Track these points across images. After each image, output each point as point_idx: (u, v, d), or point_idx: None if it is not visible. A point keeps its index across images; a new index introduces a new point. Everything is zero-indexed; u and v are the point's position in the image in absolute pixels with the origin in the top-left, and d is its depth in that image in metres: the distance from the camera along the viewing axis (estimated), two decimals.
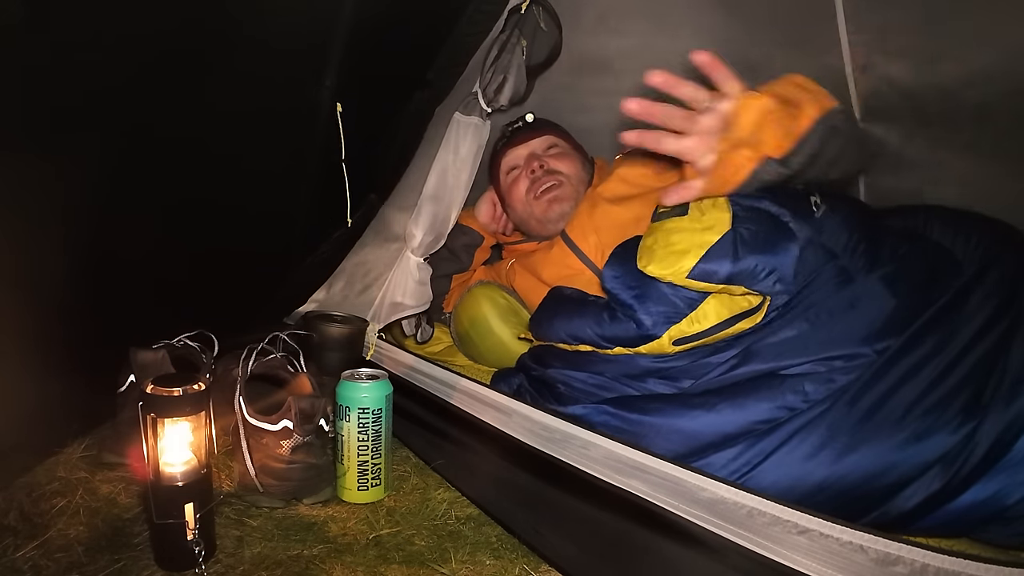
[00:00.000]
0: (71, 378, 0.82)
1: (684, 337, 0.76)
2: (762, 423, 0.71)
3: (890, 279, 0.75)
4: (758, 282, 0.73)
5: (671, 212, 0.79)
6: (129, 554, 0.70)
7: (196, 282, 0.97)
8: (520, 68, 1.10)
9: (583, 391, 0.84)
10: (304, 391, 0.84)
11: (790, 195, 0.78)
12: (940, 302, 0.73)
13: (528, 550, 0.74)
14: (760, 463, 0.70)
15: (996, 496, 0.63)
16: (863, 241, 0.80)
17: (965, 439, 0.64)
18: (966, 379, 0.67)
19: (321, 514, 0.81)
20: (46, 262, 0.76)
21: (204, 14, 0.73)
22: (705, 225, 0.75)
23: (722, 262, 0.72)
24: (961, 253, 0.80)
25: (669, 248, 0.75)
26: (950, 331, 0.70)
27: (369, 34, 0.87)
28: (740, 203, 0.76)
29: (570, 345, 0.87)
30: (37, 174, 0.71)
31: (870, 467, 0.66)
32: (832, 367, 0.71)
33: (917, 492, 0.65)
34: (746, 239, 0.73)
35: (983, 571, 0.50)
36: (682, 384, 0.80)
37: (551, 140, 1.23)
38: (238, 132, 0.87)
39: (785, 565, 0.58)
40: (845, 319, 0.73)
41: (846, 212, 0.82)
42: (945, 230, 0.84)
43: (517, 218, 1.26)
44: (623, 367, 0.83)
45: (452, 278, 1.29)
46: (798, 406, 0.70)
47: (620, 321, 0.80)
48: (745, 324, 0.76)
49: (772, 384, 0.72)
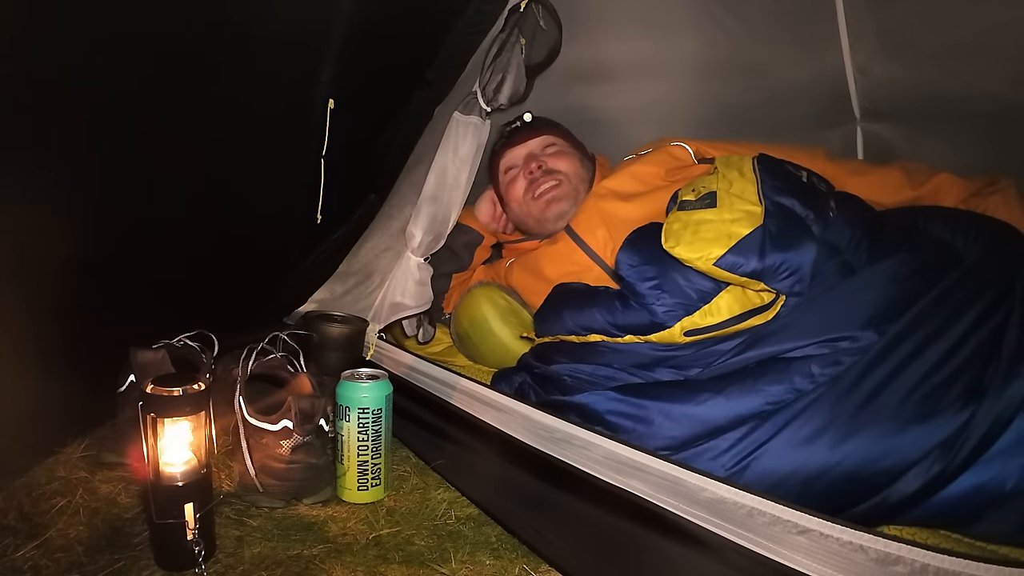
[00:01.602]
0: (71, 378, 0.82)
1: (696, 329, 0.78)
2: (771, 404, 0.72)
3: (891, 268, 0.77)
4: (778, 280, 0.74)
5: (698, 203, 0.80)
6: (129, 554, 0.70)
7: (196, 282, 0.97)
8: (520, 67, 1.10)
9: (590, 382, 0.85)
10: (304, 391, 0.84)
11: (816, 196, 0.82)
12: (942, 285, 0.74)
13: (528, 550, 0.74)
14: (763, 444, 0.71)
15: (993, 482, 0.63)
16: (866, 237, 0.82)
17: (964, 423, 0.64)
18: (966, 363, 0.68)
19: (321, 514, 0.81)
20: (46, 262, 0.76)
21: (204, 13, 0.73)
22: (734, 217, 0.76)
23: (750, 256, 0.73)
24: (960, 246, 0.82)
25: (698, 234, 0.76)
26: (951, 315, 0.71)
27: (369, 34, 0.87)
28: (771, 199, 0.78)
29: (579, 336, 0.88)
30: (37, 175, 0.71)
31: (871, 450, 0.66)
32: (837, 348, 0.72)
33: (917, 476, 0.65)
34: (774, 236, 0.74)
35: (983, 571, 0.50)
36: (690, 372, 0.81)
37: (549, 139, 1.22)
38: (238, 132, 0.87)
39: (785, 565, 0.58)
40: (848, 304, 0.75)
41: (850, 211, 0.84)
42: (945, 226, 0.85)
43: (515, 217, 1.26)
44: (631, 357, 0.84)
45: (452, 277, 1.29)
46: (805, 387, 0.71)
47: (633, 309, 0.82)
48: (756, 320, 0.77)
49: (779, 367, 0.73)
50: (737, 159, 0.88)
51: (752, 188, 0.81)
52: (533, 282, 1.15)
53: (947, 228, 0.85)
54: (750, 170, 0.84)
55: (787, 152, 1.01)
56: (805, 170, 0.88)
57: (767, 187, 0.80)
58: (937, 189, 1.00)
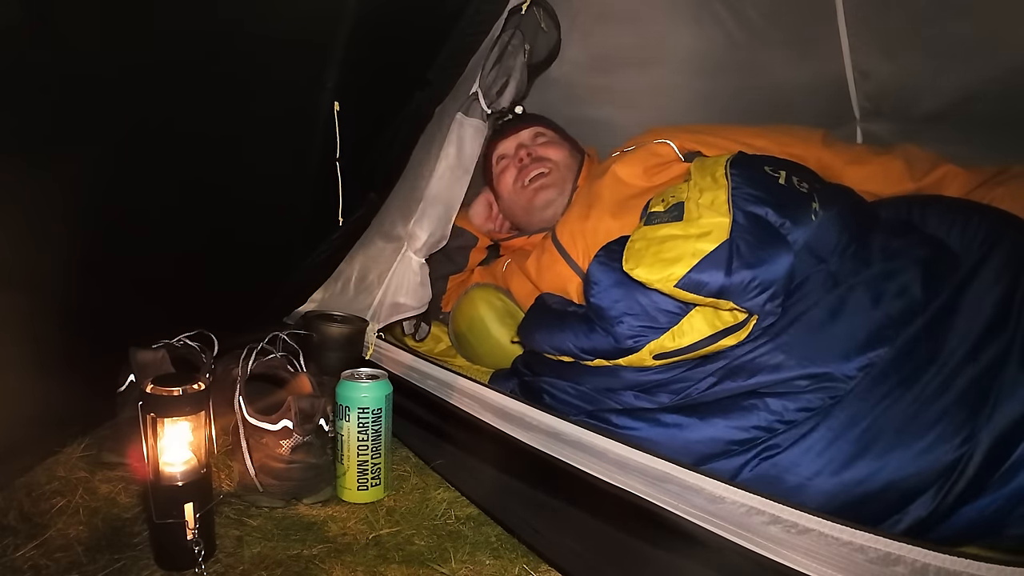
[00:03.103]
0: (71, 378, 0.82)
1: (664, 352, 0.75)
2: (735, 444, 0.70)
3: (879, 281, 0.72)
4: (748, 299, 0.69)
5: (664, 216, 0.76)
6: (129, 554, 0.70)
7: (196, 282, 0.97)
8: (523, 70, 1.10)
9: (565, 402, 0.84)
10: (304, 391, 0.84)
11: (794, 200, 0.76)
12: (933, 306, 0.70)
13: (528, 550, 0.74)
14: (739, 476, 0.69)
15: (999, 512, 0.62)
16: (853, 242, 0.77)
17: (958, 457, 0.62)
18: (962, 396, 0.64)
19: (321, 514, 0.81)
20: (46, 262, 0.77)
21: (208, 17, 0.74)
22: (701, 230, 0.72)
23: (715, 274, 0.68)
24: (958, 243, 0.76)
25: (659, 255, 0.72)
26: (943, 341, 0.67)
27: (370, 34, 0.87)
28: (743, 209, 0.72)
29: (553, 355, 0.87)
30: (38, 174, 0.71)
31: (858, 488, 0.64)
32: (813, 386, 0.69)
33: (911, 512, 0.64)
34: (742, 251, 0.69)
35: (983, 571, 0.50)
36: (660, 399, 0.78)
37: (539, 130, 1.24)
38: (240, 133, 0.87)
39: (785, 565, 0.58)
40: (828, 334, 0.70)
41: (839, 208, 0.78)
42: (941, 221, 0.80)
43: (506, 208, 1.27)
44: (603, 380, 0.83)
45: (448, 280, 1.29)
46: (775, 426, 0.69)
47: (599, 334, 0.79)
48: (729, 341, 0.73)
49: (747, 404, 0.70)
50: (712, 162, 0.83)
51: (723, 196, 0.75)
52: (531, 289, 1.16)
53: (944, 222, 0.79)
54: (723, 175, 0.78)
55: (781, 136, 0.98)
56: (785, 169, 0.80)
57: (738, 195, 0.74)
58: (939, 182, 0.93)
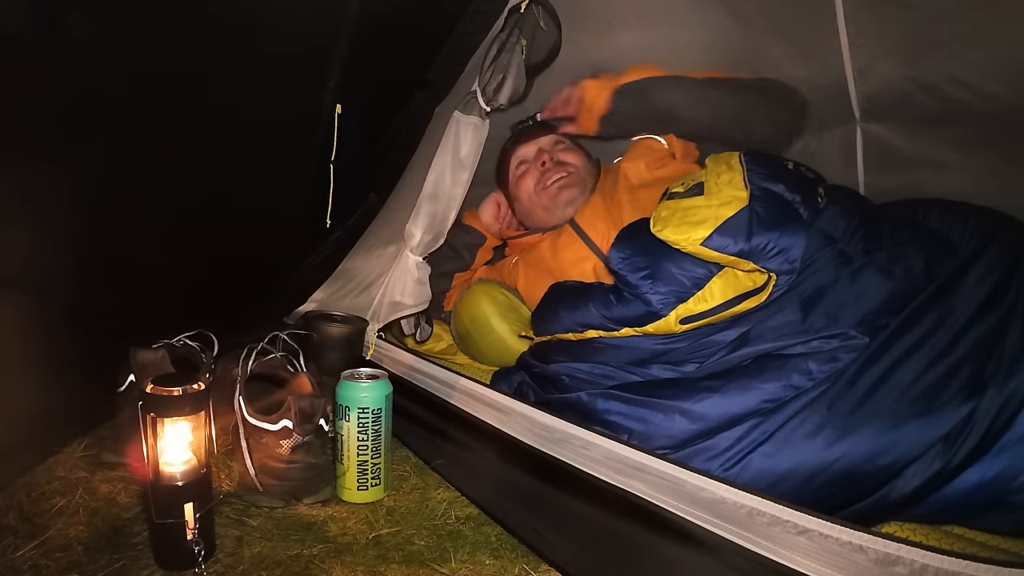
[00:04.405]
0: (71, 378, 0.82)
1: (690, 316, 0.79)
2: (768, 403, 0.72)
3: (887, 262, 0.77)
4: (767, 259, 0.75)
5: (685, 193, 0.82)
6: (129, 554, 0.70)
7: (196, 282, 0.97)
8: (520, 67, 1.10)
9: (587, 381, 0.85)
10: (304, 391, 0.84)
11: (803, 182, 0.83)
12: (938, 280, 0.75)
13: (528, 550, 0.74)
14: (761, 443, 0.71)
15: (999, 478, 0.63)
16: (862, 227, 0.82)
17: (966, 418, 0.64)
18: (967, 357, 0.68)
19: (321, 514, 0.81)
20: (47, 263, 0.77)
21: (210, 21, 0.74)
22: (722, 201, 0.78)
23: (737, 235, 0.74)
24: (958, 237, 0.82)
25: (685, 219, 0.77)
26: (948, 310, 0.71)
27: (371, 35, 0.87)
28: (757, 184, 0.80)
29: (576, 334, 0.88)
30: (41, 177, 0.72)
31: (871, 446, 0.66)
32: (833, 345, 0.72)
33: (918, 473, 0.65)
34: (761, 216, 0.75)
35: (983, 571, 0.50)
36: (686, 368, 0.81)
37: (558, 137, 1.27)
38: (241, 135, 0.87)
39: (785, 565, 0.58)
40: (843, 301, 0.75)
41: (843, 202, 0.85)
42: (942, 218, 0.86)
43: (523, 209, 1.28)
44: (628, 353, 0.84)
45: (454, 276, 1.30)
46: (803, 384, 0.71)
47: (628, 301, 0.82)
48: (750, 303, 0.78)
49: (776, 365, 0.73)
50: (726, 154, 0.90)
51: (739, 177, 0.82)
52: (539, 276, 1.17)
53: (944, 220, 0.86)
54: (737, 162, 0.86)
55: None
56: (792, 160, 0.90)
57: (753, 174, 0.82)
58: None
